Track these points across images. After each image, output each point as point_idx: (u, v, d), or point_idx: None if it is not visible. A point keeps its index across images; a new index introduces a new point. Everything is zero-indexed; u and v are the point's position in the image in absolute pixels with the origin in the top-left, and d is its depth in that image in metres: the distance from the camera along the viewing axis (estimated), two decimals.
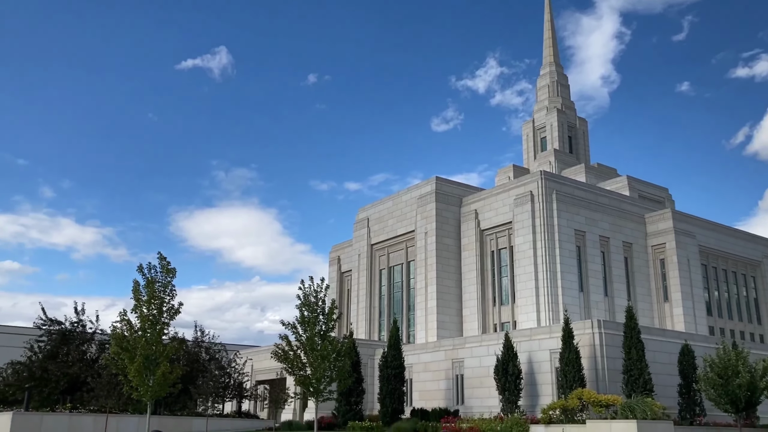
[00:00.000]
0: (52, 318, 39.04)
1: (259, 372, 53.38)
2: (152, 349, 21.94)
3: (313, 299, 29.72)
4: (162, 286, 22.52)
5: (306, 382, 28.96)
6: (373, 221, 66.71)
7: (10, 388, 38.39)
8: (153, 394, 22.22)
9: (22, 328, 66.07)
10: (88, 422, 29.54)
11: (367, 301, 65.23)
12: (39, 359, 37.50)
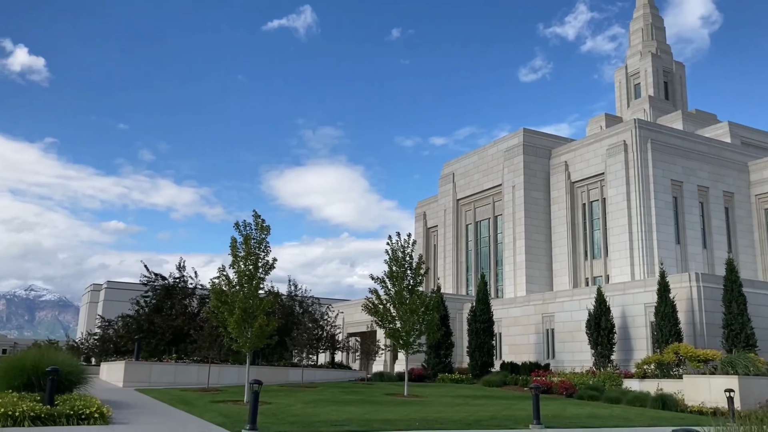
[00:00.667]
0: (155, 274, 41.34)
1: (350, 325, 54.81)
2: (249, 302, 22.84)
3: (400, 255, 30.03)
4: (257, 242, 23.29)
5: (395, 335, 29.53)
6: (458, 176, 66.20)
7: (121, 339, 41.27)
8: (251, 345, 23.22)
9: (130, 284, 70.34)
10: (193, 371, 31.37)
11: (453, 256, 65.29)
12: (146, 313, 39.96)
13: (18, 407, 15.65)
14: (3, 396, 17.22)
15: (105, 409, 16.77)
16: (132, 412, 19.18)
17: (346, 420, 18.37)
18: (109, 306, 70.90)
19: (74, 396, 18.40)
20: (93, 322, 68.10)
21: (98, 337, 48.18)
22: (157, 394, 24.64)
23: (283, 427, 16.43)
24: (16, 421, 15.28)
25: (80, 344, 55.92)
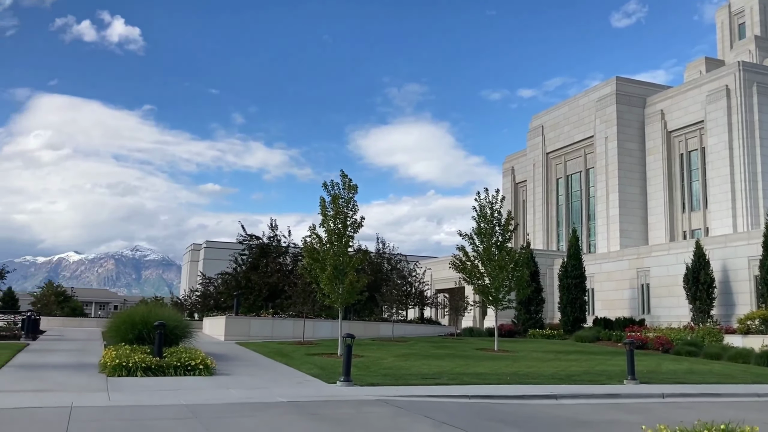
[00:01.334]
0: (251, 234, 42.93)
1: (438, 281, 55.17)
2: (339, 260, 23.39)
3: (488, 211, 29.76)
4: (345, 202, 23.69)
5: (484, 291, 29.51)
6: (547, 128, 64.46)
7: (221, 296, 43.33)
8: (343, 301, 23.85)
9: (227, 243, 73.26)
10: (288, 325, 32.62)
11: (543, 211, 64.10)
12: (243, 270, 41.71)
13: (131, 359, 16.85)
14: (117, 348, 18.56)
15: (209, 361, 17.78)
16: (234, 364, 20.23)
17: (436, 373, 18.69)
18: (209, 264, 74.24)
19: (180, 349, 19.57)
20: (194, 279, 71.63)
21: (200, 294, 50.64)
22: (256, 347, 25.83)
23: (376, 379, 16.92)
24: (130, 371, 16.47)
25: (183, 301, 58.99)
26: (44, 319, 39.79)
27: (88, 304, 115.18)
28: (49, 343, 27.26)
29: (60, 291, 66.88)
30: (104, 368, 16.93)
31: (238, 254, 43.15)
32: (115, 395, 13.44)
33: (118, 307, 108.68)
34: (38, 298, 62.93)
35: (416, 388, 15.75)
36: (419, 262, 47.73)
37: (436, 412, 12.24)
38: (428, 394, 14.86)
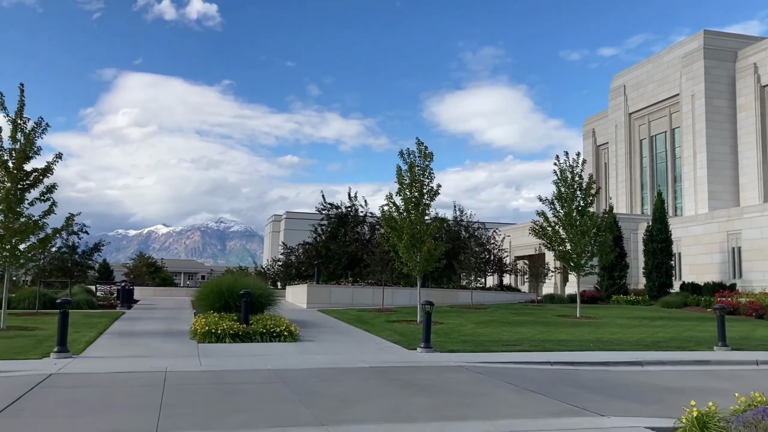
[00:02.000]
0: (330, 203, 43.59)
1: (517, 248, 54.50)
2: (417, 228, 23.43)
3: (569, 175, 29.05)
4: (421, 169, 23.60)
5: (566, 257, 28.95)
6: (630, 88, 61.93)
7: (302, 265, 44.39)
8: (421, 269, 23.93)
9: (306, 214, 74.59)
10: (368, 293, 33.11)
11: (626, 174, 61.97)
12: (322, 240, 42.50)
13: (219, 326, 17.55)
14: (206, 316, 19.36)
15: (293, 328, 18.31)
16: (316, 330, 20.75)
17: (517, 340, 18.58)
18: (290, 234, 75.91)
19: (265, 316, 20.22)
20: (276, 249, 73.57)
21: (282, 263, 52.02)
22: (337, 314, 26.37)
23: (456, 346, 16.98)
24: (219, 338, 17.16)
25: (266, 270, 60.74)
26: (137, 289, 41.90)
27: (177, 274, 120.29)
28: (142, 311, 28.72)
29: (151, 262, 70.12)
30: (194, 335, 17.72)
31: (318, 224, 43.94)
32: (205, 360, 14.06)
33: (205, 277, 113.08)
34: (131, 269, 66.22)
35: (497, 354, 15.72)
36: (498, 229, 47.19)
37: (517, 378, 12.20)
38: (509, 360, 14.81)
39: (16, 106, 19.17)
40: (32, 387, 10.44)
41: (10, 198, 18.81)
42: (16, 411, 8.72)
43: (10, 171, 18.89)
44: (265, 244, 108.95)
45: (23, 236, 19.45)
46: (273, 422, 8.27)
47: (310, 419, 8.46)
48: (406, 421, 8.53)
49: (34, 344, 15.67)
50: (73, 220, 22.12)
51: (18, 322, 20.57)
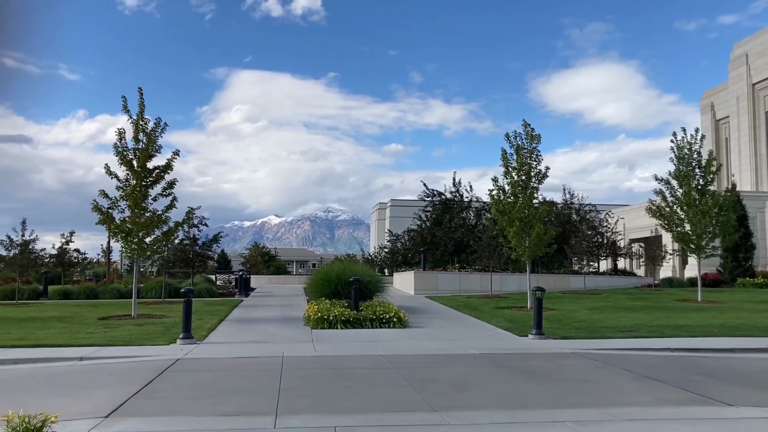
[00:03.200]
0: (433, 190, 43.59)
1: (631, 230, 52.33)
2: (525, 212, 22.99)
3: (687, 152, 27.52)
4: (528, 152, 23.10)
5: (685, 239, 27.50)
6: (753, 56, 57.69)
7: (409, 252, 44.68)
8: (530, 254, 23.47)
9: (411, 201, 75.00)
10: (475, 279, 32.88)
11: (750, 149, 57.92)
12: (427, 227, 42.60)
13: (331, 312, 18.02)
14: (318, 303, 19.92)
15: (402, 314, 18.51)
16: (425, 317, 20.86)
17: (633, 326, 17.88)
18: (395, 222, 76.66)
19: (374, 302, 20.55)
20: (382, 236, 74.47)
21: (388, 250, 52.63)
22: (445, 301, 26.38)
23: (569, 332, 16.57)
24: (331, 324, 17.63)
25: (373, 257, 61.67)
26: (253, 278, 43.73)
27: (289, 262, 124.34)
28: (258, 299, 29.95)
29: (265, 251, 72.98)
30: (308, 321, 18.30)
31: (422, 211, 44.07)
32: (319, 346, 14.48)
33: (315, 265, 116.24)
34: (247, 258, 69.17)
35: (612, 341, 15.20)
36: (611, 211, 45.52)
37: (635, 365, 11.75)
38: (626, 347, 14.28)
39: (137, 108, 20.41)
40: (162, 371, 11.15)
41: (136, 194, 20.08)
42: (149, 393, 9.36)
43: (134, 169, 20.17)
44: (371, 231, 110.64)
45: (149, 230, 20.73)
46: (386, 407, 8.41)
47: (423, 404, 8.53)
48: (520, 408, 8.43)
49: (162, 331, 16.72)
50: (193, 214, 23.41)
51: (147, 311, 22.00)
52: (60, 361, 12.58)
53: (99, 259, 52.68)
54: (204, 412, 8.07)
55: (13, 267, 28.65)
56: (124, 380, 10.29)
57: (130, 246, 20.68)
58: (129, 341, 14.93)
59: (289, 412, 7.99)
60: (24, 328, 17.24)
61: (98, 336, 15.74)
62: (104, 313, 21.18)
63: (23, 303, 27.03)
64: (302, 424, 7.47)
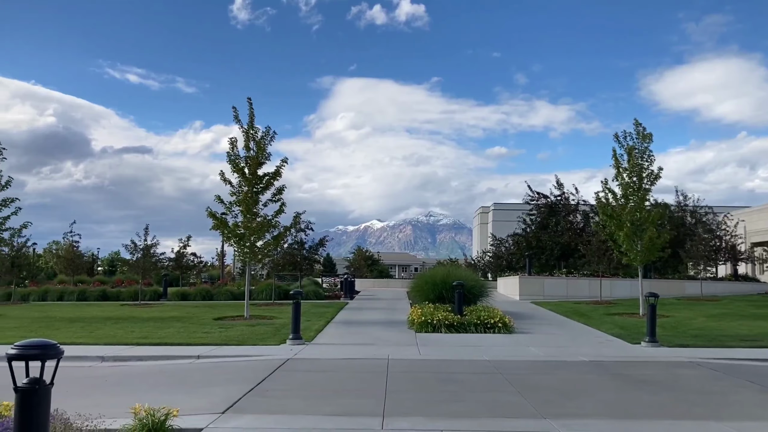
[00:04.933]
0: (538, 193, 42.68)
1: (753, 233, 49.06)
2: (636, 215, 22.09)
3: None
4: (639, 152, 22.18)
5: None
6: None
7: (513, 256, 43.98)
8: (642, 258, 22.51)
9: (514, 204, 73.78)
10: (583, 285, 31.90)
11: None
12: (532, 230, 41.75)
13: (434, 316, 18.04)
14: (421, 307, 19.99)
15: (507, 319, 18.25)
16: (530, 323, 20.47)
17: (758, 335, 16.75)
18: (497, 226, 75.65)
19: (479, 307, 20.37)
20: (485, 241, 73.71)
21: (491, 255, 52.05)
22: (552, 307, 25.76)
23: (685, 340, 15.76)
24: (434, 328, 17.66)
25: (476, 262, 61.17)
26: (357, 281, 44.49)
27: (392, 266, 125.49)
28: (363, 302, 30.42)
29: (368, 255, 74.04)
30: (412, 324, 18.40)
31: (527, 214, 43.24)
32: (423, 349, 14.53)
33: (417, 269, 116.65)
34: (351, 262, 70.45)
35: (734, 350, 14.32)
36: (729, 214, 42.84)
37: (761, 377, 11.01)
38: (749, 357, 13.41)
39: (248, 118, 21.30)
40: (273, 370, 11.56)
41: (248, 200, 20.96)
42: (262, 391, 9.73)
43: (246, 176, 21.05)
44: (473, 236, 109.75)
45: (260, 234, 21.58)
46: (492, 412, 8.32)
47: (530, 411, 8.38)
48: (632, 418, 8.11)
49: (273, 332, 17.33)
50: (300, 219, 24.14)
51: (258, 312, 22.87)
52: (179, 359, 13.32)
53: (213, 262, 55.26)
54: (314, 411, 8.30)
55: (137, 270, 30.61)
56: (238, 378, 10.74)
57: (243, 250, 21.60)
58: (242, 341, 15.59)
59: (395, 414, 8.07)
60: (146, 328, 18.38)
61: (214, 336, 16.54)
62: (219, 314, 22.22)
63: (145, 304, 28.81)
64: (409, 426, 7.52)
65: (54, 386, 4.53)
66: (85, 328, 18.37)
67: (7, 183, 22.64)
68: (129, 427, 6.48)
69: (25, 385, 4.34)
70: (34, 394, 4.34)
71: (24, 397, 4.33)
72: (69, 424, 5.93)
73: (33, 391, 4.33)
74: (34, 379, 4.35)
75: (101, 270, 57.92)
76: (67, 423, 5.95)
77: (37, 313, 23.58)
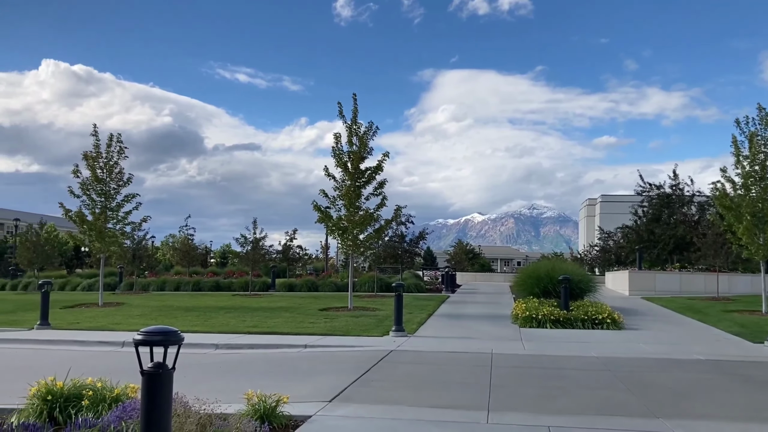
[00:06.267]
0: (650, 184, 40.82)
1: None
2: (758, 206, 20.68)
3: None
4: (763, 139, 20.73)
5: None
6: None
7: (622, 250, 42.36)
8: (765, 253, 21.07)
9: (623, 196, 70.95)
10: (698, 280, 30.27)
11: None
12: (643, 223, 39.98)
13: (539, 311, 17.69)
14: (526, 301, 19.66)
15: (616, 315, 17.61)
16: (641, 319, 19.66)
17: None
18: (605, 218, 73.03)
19: (586, 302, 19.80)
20: (591, 234, 71.41)
21: (599, 249, 50.37)
22: (664, 302, 24.64)
23: None
24: (539, 323, 17.32)
25: (583, 256, 59.39)
26: (458, 275, 44.28)
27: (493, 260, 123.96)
28: (464, 295, 30.27)
29: (469, 249, 73.50)
30: (515, 319, 18.14)
31: (637, 206, 41.46)
32: (528, 344, 14.29)
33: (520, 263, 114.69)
34: (452, 255, 70.18)
35: None
36: None
37: None
38: None
39: (351, 114, 21.64)
40: (377, 361, 11.74)
41: (351, 194, 21.33)
42: (367, 381, 9.91)
43: (349, 171, 21.43)
44: (579, 229, 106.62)
45: (362, 227, 21.92)
46: (602, 409, 8.07)
47: (642, 410, 8.06)
48: (756, 421, 7.63)
49: (376, 323, 17.58)
50: (400, 212, 24.32)
51: (361, 303, 23.26)
52: (287, 348, 13.79)
53: (317, 254, 56.70)
54: (418, 402, 8.36)
55: (246, 262, 31.92)
56: (343, 368, 10.99)
57: (346, 242, 22.04)
58: (346, 331, 15.93)
59: (500, 409, 7.99)
60: (257, 317, 19.14)
61: (320, 326, 16.99)
62: (324, 304, 22.79)
63: (255, 294, 29.98)
64: (514, 421, 7.43)
65: (174, 371, 4.80)
66: (200, 317, 19.37)
67: (128, 180, 24.11)
68: (243, 412, 6.77)
69: (150, 369, 4.63)
70: (158, 377, 4.62)
71: (149, 379, 4.62)
72: (188, 407, 6.27)
73: (157, 374, 4.62)
74: (158, 363, 4.63)
75: (214, 261, 60.75)
76: (187, 406, 6.29)
77: (157, 303, 25.06)
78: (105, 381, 7.07)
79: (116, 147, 23.86)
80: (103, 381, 7.06)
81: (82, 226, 23.60)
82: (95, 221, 23.50)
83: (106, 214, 23.65)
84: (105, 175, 23.56)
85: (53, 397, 6.67)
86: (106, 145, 23.76)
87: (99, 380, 7.06)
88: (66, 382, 6.91)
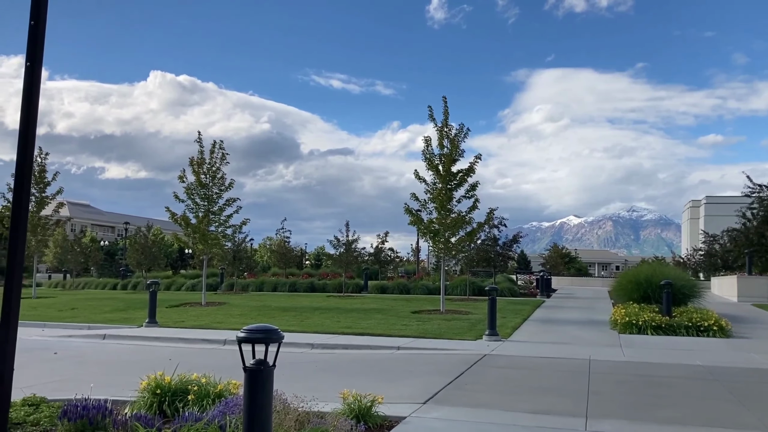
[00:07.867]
0: (759, 185, 38.44)
1: None
2: None
3: None
4: None
5: None
6: None
7: (729, 254, 40.09)
8: None
9: (731, 197, 67.21)
10: None
11: None
12: (753, 226, 37.68)
13: (640, 317, 17.03)
14: (625, 307, 18.97)
15: (723, 323, 16.70)
16: (751, 327, 18.57)
17: None
18: (710, 221, 69.42)
19: (690, 308, 18.88)
20: (695, 237, 68.01)
21: (703, 253, 47.98)
22: None
23: None
24: (640, 329, 16.67)
25: (686, 260, 56.72)
26: (553, 279, 43.31)
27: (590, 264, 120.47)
28: (560, 300, 29.57)
29: (564, 253, 71.73)
30: (614, 325, 17.54)
31: (747, 208, 39.13)
32: (627, 351, 13.80)
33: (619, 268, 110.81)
34: (546, 259, 68.70)
35: None
36: None
37: None
38: None
39: (442, 116, 21.63)
40: (470, 365, 11.67)
41: (442, 197, 21.33)
42: (460, 384, 9.87)
43: (440, 174, 21.43)
44: (682, 232, 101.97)
45: (454, 230, 21.87)
46: (709, 421, 7.69)
47: (755, 422, 7.62)
48: None
49: (468, 327, 17.47)
50: (493, 215, 24.09)
51: (453, 306, 23.18)
52: (380, 349, 13.95)
53: (409, 257, 56.96)
54: (511, 407, 8.25)
55: (340, 264, 32.50)
56: (436, 371, 10.99)
57: (438, 245, 22.03)
58: (439, 334, 15.92)
59: (598, 416, 7.77)
60: (350, 318, 19.46)
61: (412, 328, 17.07)
62: (416, 307, 22.87)
63: (348, 295, 30.48)
64: (614, 429, 7.20)
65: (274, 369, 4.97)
66: (297, 317, 19.89)
67: (230, 185, 25.12)
68: (339, 411, 6.91)
69: (252, 366, 4.81)
70: (260, 374, 4.79)
71: (251, 376, 4.80)
72: (287, 405, 6.48)
73: (259, 371, 4.79)
74: (259, 361, 4.81)
75: (308, 263, 62.22)
76: (286, 403, 6.50)
77: (256, 303, 25.94)
78: (209, 377, 7.41)
79: (219, 153, 24.95)
80: (207, 377, 7.40)
81: (187, 228, 24.81)
82: (199, 224, 24.62)
83: (208, 217, 24.74)
84: (208, 180, 24.65)
85: (162, 391, 7.06)
86: (209, 152, 24.86)
87: (203, 376, 7.41)
88: (173, 377, 7.29)
